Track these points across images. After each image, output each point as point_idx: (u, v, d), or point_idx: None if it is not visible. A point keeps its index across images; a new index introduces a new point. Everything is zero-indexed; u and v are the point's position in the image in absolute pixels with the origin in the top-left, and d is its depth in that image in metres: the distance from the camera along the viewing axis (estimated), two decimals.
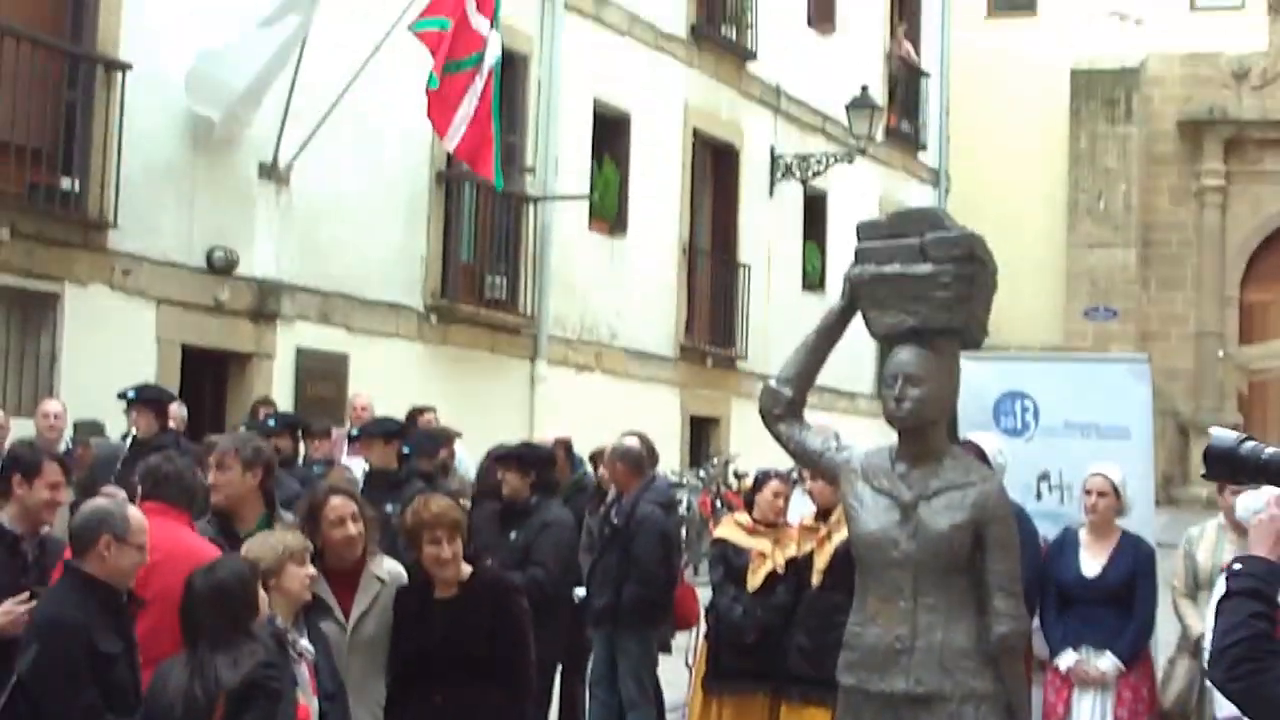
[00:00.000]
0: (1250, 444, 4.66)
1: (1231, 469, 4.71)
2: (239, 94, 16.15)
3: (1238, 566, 4.65)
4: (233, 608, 5.94)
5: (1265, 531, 4.70)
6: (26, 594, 6.78)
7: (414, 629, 7.27)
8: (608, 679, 11.53)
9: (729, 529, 10.70)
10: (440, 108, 16.35)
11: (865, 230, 6.91)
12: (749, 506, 10.76)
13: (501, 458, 10.44)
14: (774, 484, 10.59)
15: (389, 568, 7.45)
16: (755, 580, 10.33)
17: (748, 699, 10.40)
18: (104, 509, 6.55)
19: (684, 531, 14.28)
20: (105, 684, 6.10)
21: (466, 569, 7.35)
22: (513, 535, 10.19)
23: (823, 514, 9.78)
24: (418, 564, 7.36)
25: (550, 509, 10.55)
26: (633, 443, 11.38)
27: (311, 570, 6.82)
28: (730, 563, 10.47)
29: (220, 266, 16.91)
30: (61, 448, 11.96)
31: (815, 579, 9.83)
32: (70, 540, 6.45)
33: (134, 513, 6.54)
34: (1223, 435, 4.72)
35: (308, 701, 6.60)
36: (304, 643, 6.71)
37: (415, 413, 13.75)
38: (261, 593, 6.10)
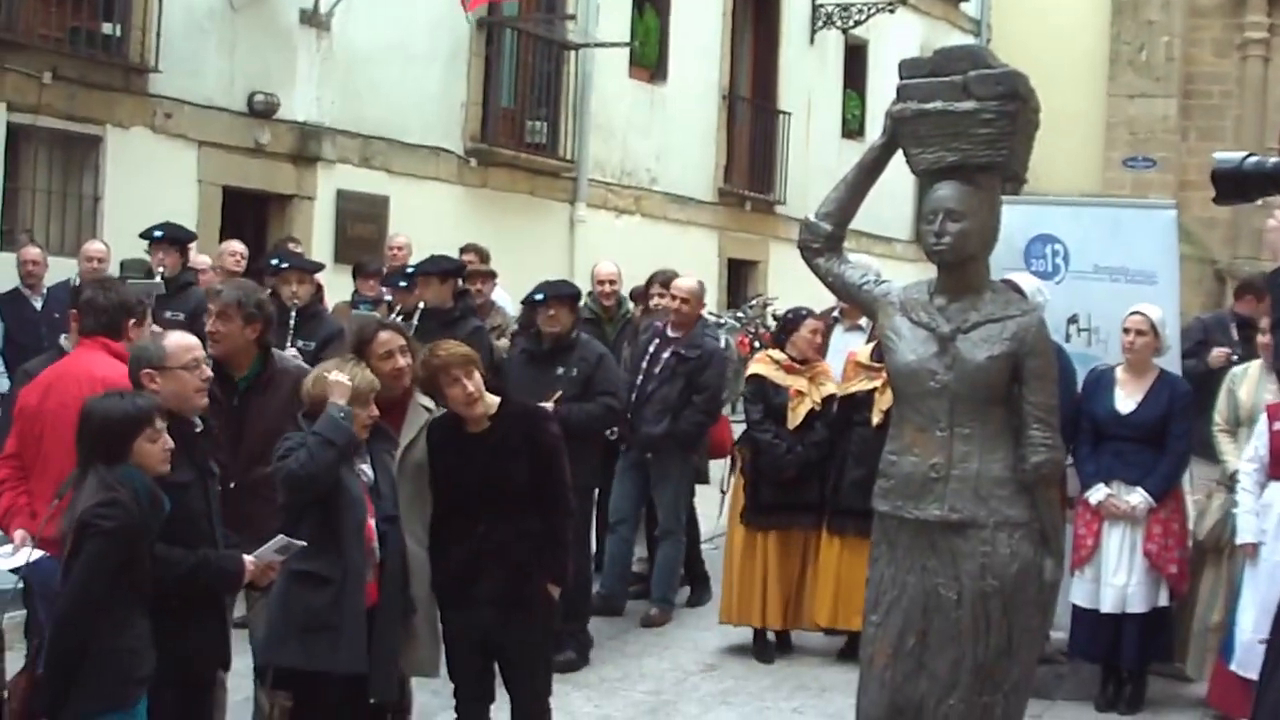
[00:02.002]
0: (1254, 158, 4.68)
1: (1239, 186, 4.72)
2: None
3: None
4: (92, 441, 5.90)
5: None
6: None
7: (450, 464, 7.40)
8: (633, 515, 11.72)
9: (765, 366, 10.81)
10: None
11: (908, 68, 6.88)
12: (779, 344, 10.87)
13: (556, 296, 10.48)
14: (811, 322, 10.71)
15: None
16: (796, 417, 10.53)
17: (788, 532, 10.62)
18: (138, 346, 6.74)
19: None
20: (175, 511, 6.18)
21: (494, 401, 7.46)
22: (560, 370, 10.26)
23: (880, 353, 9.85)
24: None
25: (593, 343, 10.66)
26: (701, 282, 11.80)
27: (374, 411, 6.94)
28: (769, 400, 10.63)
29: (261, 110, 17.03)
30: None
31: (876, 417, 9.97)
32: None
33: (173, 340, 6.63)
34: (1226, 156, 4.74)
35: (370, 523, 6.84)
36: (364, 467, 6.90)
37: (461, 250, 13.80)
38: (149, 447, 5.96)
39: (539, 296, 10.53)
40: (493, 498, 7.28)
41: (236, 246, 13.62)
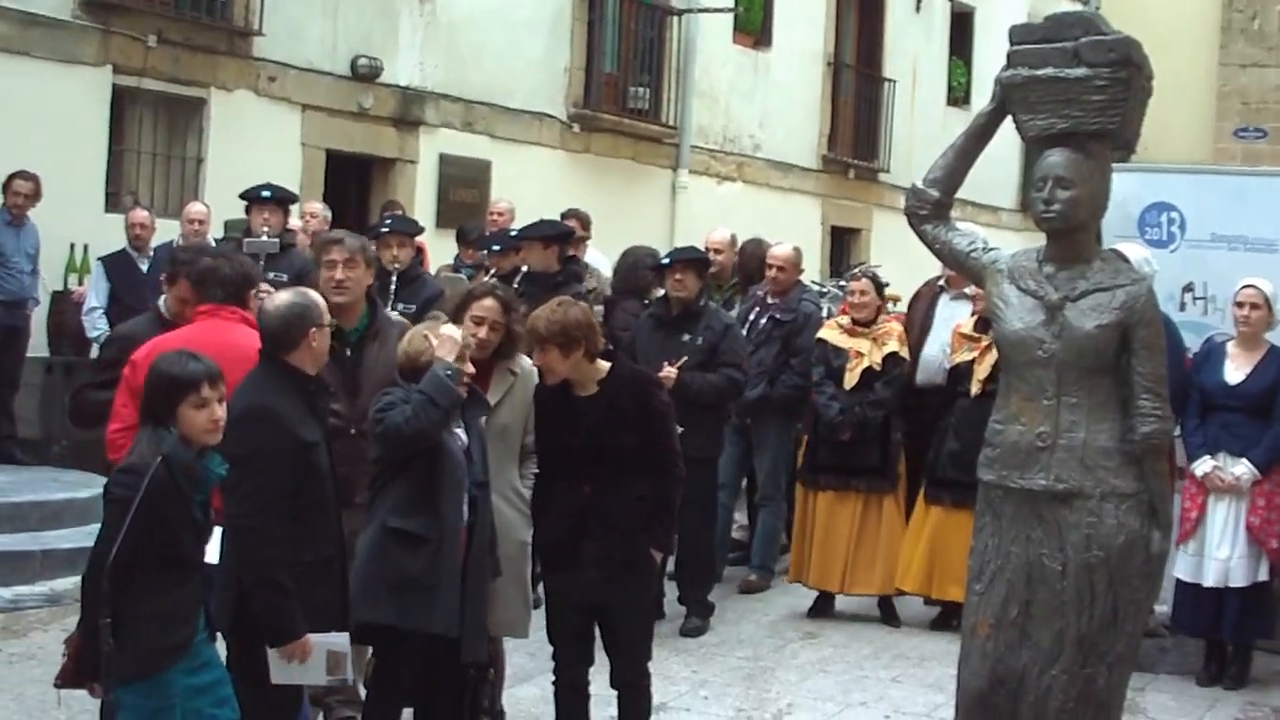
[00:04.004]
0: None
1: None
2: None
3: None
4: (145, 400, 5.83)
5: None
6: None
7: (558, 427, 7.36)
8: (735, 482, 11.71)
9: (829, 330, 11.08)
10: None
11: (1019, 33, 6.79)
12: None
13: (682, 261, 10.51)
14: (854, 283, 10.95)
15: (523, 363, 7.53)
16: (851, 378, 10.73)
17: (842, 494, 10.70)
18: (305, 303, 6.43)
19: None
20: (307, 470, 6.16)
21: (605, 366, 7.41)
22: (686, 336, 10.29)
23: (983, 324, 9.83)
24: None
25: (721, 313, 10.70)
26: (798, 248, 11.93)
27: (470, 368, 6.91)
28: (830, 363, 10.86)
29: (364, 74, 17.09)
30: None
31: (974, 388, 10.02)
32: (274, 335, 6.33)
33: (321, 300, 6.57)
34: None
35: None
36: (458, 431, 6.86)
37: (563, 216, 13.76)
38: (192, 414, 5.71)
39: (665, 261, 10.62)
40: (600, 461, 7.23)
41: (315, 207, 13.59)
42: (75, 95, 14.58)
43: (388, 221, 11.38)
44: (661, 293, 10.87)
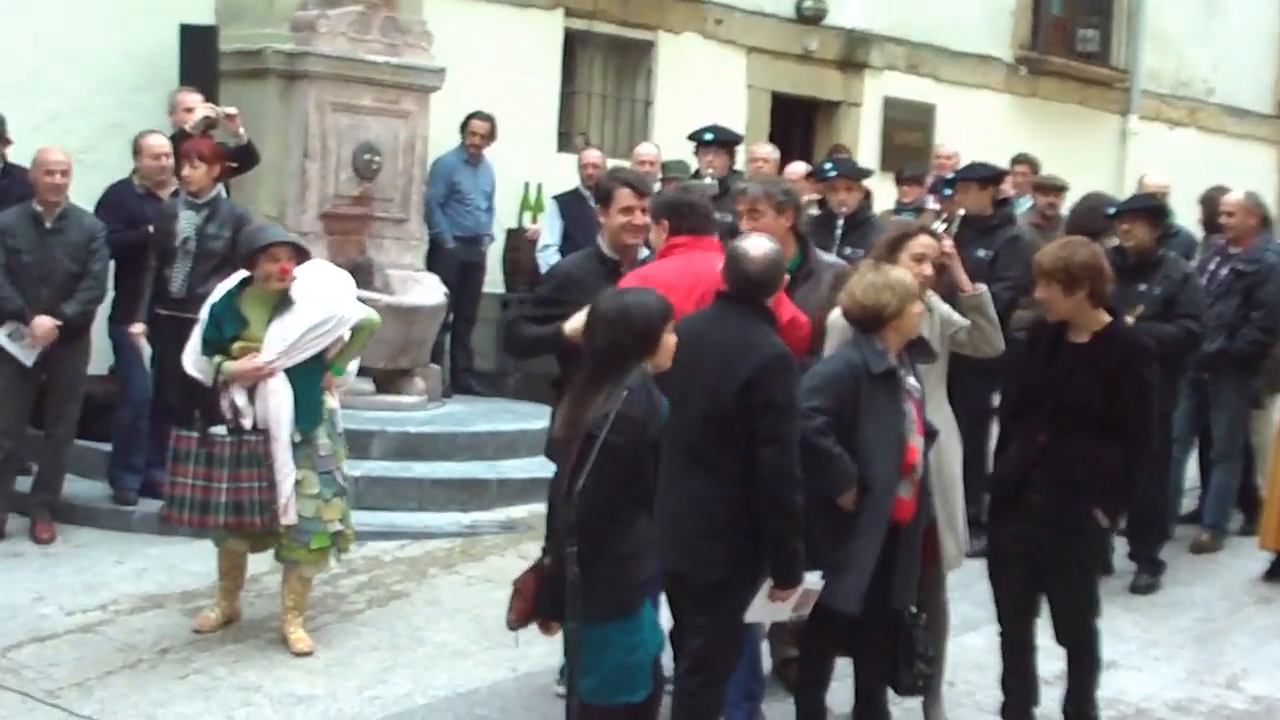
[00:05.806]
0: None
1: None
2: None
3: None
4: (617, 338, 5.63)
5: None
6: None
7: (1037, 368, 7.17)
8: (1188, 437, 11.35)
9: None
10: None
11: None
12: None
13: (1130, 211, 10.24)
14: None
15: (930, 298, 7.32)
16: None
17: None
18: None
19: None
20: None
21: (1105, 318, 7.19)
22: (1142, 286, 9.99)
23: None
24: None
25: (1180, 262, 10.35)
26: (1252, 194, 11.38)
27: (921, 307, 6.79)
28: None
29: (810, 16, 17.11)
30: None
31: None
32: (756, 279, 6.23)
33: None
34: None
35: (914, 442, 6.59)
36: (912, 380, 6.70)
37: (1013, 161, 13.55)
38: (670, 338, 5.68)
39: (1110, 210, 10.34)
40: (1064, 410, 6.99)
41: (765, 150, 13.61)
42: (529, 38, 14.94)
43: (829, 166, 11.31)
44: (1116, 242, 10.60)
